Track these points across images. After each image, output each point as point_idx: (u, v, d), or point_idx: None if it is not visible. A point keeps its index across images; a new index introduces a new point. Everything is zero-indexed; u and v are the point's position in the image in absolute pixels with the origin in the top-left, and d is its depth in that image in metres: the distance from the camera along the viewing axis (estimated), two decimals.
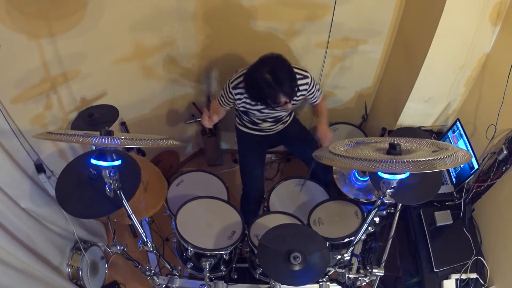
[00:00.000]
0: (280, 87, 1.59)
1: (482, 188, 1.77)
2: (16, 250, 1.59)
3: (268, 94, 1.62)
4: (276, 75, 1.59)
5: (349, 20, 2.06)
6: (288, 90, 1.62)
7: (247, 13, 2.04)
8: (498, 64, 1.73)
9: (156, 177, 1.73)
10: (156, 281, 1.62)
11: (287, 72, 1.63)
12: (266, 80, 1.59)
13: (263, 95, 1.63)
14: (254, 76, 1.62)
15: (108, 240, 2.42)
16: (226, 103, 1.86)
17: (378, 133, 2.37)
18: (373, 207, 1.33)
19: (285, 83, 1.60)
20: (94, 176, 1.25)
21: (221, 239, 1.66)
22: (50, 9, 1.54)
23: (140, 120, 2.37)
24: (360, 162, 1.01)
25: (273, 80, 1.58)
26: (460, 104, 2.07)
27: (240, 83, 1.75)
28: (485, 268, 1.70)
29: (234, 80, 1.78)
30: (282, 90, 1.60)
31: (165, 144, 1.13)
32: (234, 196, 2.05)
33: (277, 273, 1.34)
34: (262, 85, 1.60)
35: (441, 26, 1.67)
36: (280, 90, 1.60)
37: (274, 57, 1.64)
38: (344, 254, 1.52)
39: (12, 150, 1.59)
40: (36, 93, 1.68)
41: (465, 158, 0.99)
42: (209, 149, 2.88)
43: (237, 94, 1.78)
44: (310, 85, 1.82)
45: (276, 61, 1.63)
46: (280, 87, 1.59)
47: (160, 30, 2.05)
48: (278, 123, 2.08)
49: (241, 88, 1.76)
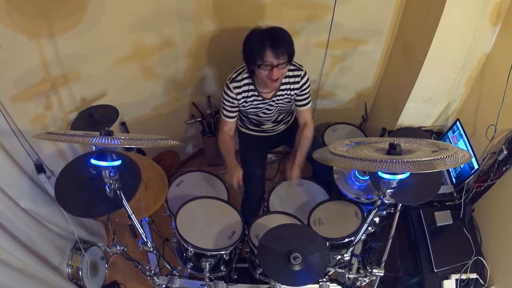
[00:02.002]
0: (270, 41, 1.58)
1: (482, 188, 1.77)
2: (16, 250, 1.58)
3: (256, 48, 1.61)
4: (270, 31, 1.61)
5: (349, 20, 2.07)
6: (277, 48, 1.59)
7: (247, 13, 2.04)
8: (498, 64, 1.73)
9: (157, 175, 1.73)
10: (156, 281, 1.62)
11: (283, 33, 1.62)
12: (259, 33, 1.61)
13: (253, 50, 1.63)
14: (250, 32, 1.65)
15: (108, 240, 2.42)
16: (231, 108, 1.85)
17: (378, 133, 2.37)
18: (373, 207, 1.33)
19: (277, 41, 1.58)
20: (94, 176, 1.25)
21: (221, 239, 1.66)
22: (50, 9, 1.54)
23: (140, 120, 2.37)
24: (360, 162, 1.01)
25: (265, 33, 1.60)
26: (460, 104, 2.07)
27: (236, 77, 1.78)
28: (485, 268, 1.70)
29: (230, 76, 1.81)
30: (270, 46, 1.58)
31: (165, 144, 1.12)
32: (234, 196, 2.05)
33: (277, 273, 1.34)
34: (253, 37, 1.62)
35: (441, 26, 1.67)
36: (268, 45, 1.58)
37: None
38: (344, 254, 1.52)
39: (12, 150, 1.59)
40: (36, 93, 1.68)
41: (465, 158, 0.99)
42: (209, 149, 2.88)
43: (235, 88, 1.79)
44: (303, 78, 1.81)
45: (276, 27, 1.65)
46: (270, 41, 1.58)
47: (160, 30, 2.05)
48: (280, 124, 2.08)
49: (238, 81, 1.78)
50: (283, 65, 1.65)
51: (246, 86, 1.80)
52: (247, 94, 1.82)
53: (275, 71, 1.64)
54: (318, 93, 2.53)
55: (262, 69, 1.65)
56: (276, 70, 1.64)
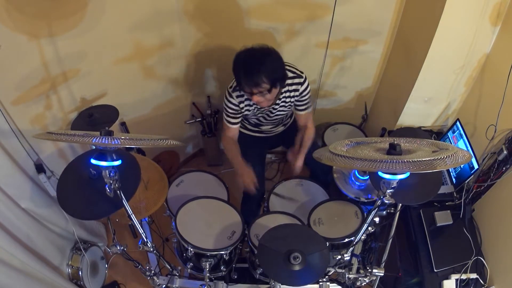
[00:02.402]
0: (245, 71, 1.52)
1: (482, 188, 1.77)
2: (16, 250, 1.59)
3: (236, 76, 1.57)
4: (249, 58, 1.55)
5: (349, 20, 2.06)
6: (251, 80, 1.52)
7: (247, 13, 2.04)
8: (498, 64, 1.73)
9: (157, 175, 1.73)
10: (156, 281, 1.62)
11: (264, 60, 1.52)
12: (239, 59, 1.56)
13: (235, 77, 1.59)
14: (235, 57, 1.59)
15: (108, 240, 2.42)
16: (234, 115, 1.82)
17: (378, 133, 2.37)
18: (373, 207, 1.33)
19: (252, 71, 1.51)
20: (94, 176, 1.25)
21: (221, 239, 1.66)
22: (50, 9, 1.54)
23: (140, 120, 2.37)
24: (360, 162, 1.01)
25: (244, 61, 1.55)
26: (460, 104, 2.07)
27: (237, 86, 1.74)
28: (485, 268, 1.70)
29: (231, 85, 1.78)
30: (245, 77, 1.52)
31: (165, 144, 1.12)
32: (234, 196, 2.05)
33: (277, 273, 1.34)
34: (235, 63, 1.57)
35: (441, 26, 1.67)
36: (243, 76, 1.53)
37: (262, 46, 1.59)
38: (344, 254, 1.52)
39: (12, 150, 1.60)
40: (36, 93, 1.68)
41: (465, 158, 0.99)
42: (209, 149, 2.88)
43: (237, 97, 1.77)
44: (302, 85, 1.76)
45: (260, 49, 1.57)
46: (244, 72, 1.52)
47: (160, 30, 2.05)
48: (279, 125, 2.07)
49: (238, 90, 1.74)
50: (263, 93, 1.59)
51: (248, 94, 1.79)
52: (249, 103, 1.80)
53: (255, 97, 1.62)
54: (318, 93, 2.53)
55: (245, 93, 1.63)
56: (256, 97, 1.61)
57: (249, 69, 1.54)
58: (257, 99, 1.62)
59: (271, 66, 1.56)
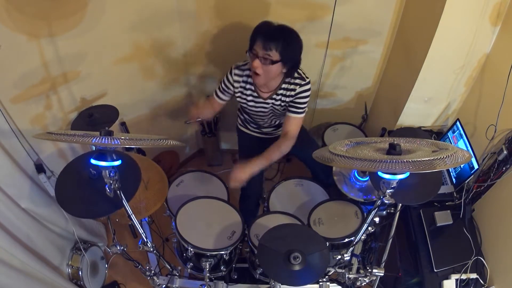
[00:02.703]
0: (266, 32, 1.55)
1: (482, 188, 1.77)
2: (16, 250, 1.59)
3: (253, 34, 1.59)
4: (274, 27, 1.58)
5: (349, 20, 2.07)
6: (267, 42, 1.54)
7: (247, 13, 2.04)
8: (498, 64, 1.73)
9: (157, 175, 1.73)
10: (156, 281, 1.62)
11: (286, 34, 1.58)
12: (266, 24, 1.59)
13: (251, 35, 1.61)
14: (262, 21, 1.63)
15: (108, 240, 2.42)
16: (223, 89, 1.84)
17: (378, 133, 2.37)
18: (373, 207, 1.33)
19: (272, 35, 1.54)
20: (94, 176, 1.25)
21: (221, 239, 1.66)
22: (50, 9, 1.55)
23: (140, 120, 2.37)
24: (360, 162, 1.01)
25: (269, 27, 1.58)
26: (460, 104, 2.07)
27: (242, 65, 1.77)
28: (485, 268, 1.70)
29: (237, 63, 1.80)
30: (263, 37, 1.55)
31: (165, 144, 1.12)
32: (234, 196, 2.05)
33: (277, 273, 1.34)
34: (258, 26, 1.60)
35: (441, 26, 1.67)
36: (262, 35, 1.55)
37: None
38: (344, 254, 1.52)
39: (12, 150, 1.60)
40: (36, 93, 1.68)
41: (465, 158, 0.99)
42: (209, 149, 2.88)
43: (235, 75, 1.78)
44: (302, 87, 1.73)
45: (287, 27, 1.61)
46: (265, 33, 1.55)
47: (160, 30, 2.05)
48: (279, 129, 2.08)
49: (242, 69, 1.77)
50: (267, 60, 1.59)
51: (246, 77, 1.78)
52: (245, 86, 1.80)
53: (256, 61, 1.60)
54: (318, 93, 2.53)
55: (250, 55, 1.63)
56: (257, 61, 1.60)
57: (271, 33, 1.56)
58: (256, 64, 1.60)
59: (290, 44, 1.60)
